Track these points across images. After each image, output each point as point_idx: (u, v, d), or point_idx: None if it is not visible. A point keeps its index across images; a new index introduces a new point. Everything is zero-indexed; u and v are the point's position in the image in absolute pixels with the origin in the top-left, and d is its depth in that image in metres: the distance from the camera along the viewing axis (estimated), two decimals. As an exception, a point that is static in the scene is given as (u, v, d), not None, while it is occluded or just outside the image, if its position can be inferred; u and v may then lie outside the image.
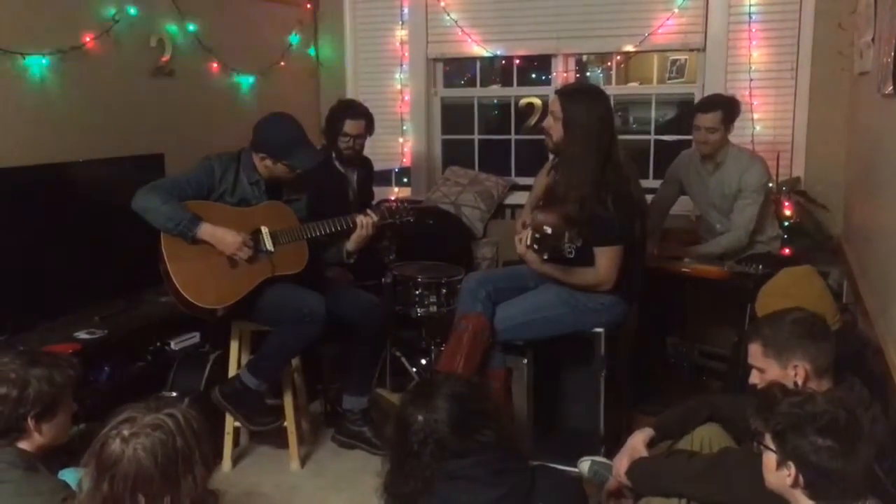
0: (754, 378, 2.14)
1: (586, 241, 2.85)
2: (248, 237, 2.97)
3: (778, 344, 2.07)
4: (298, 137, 3.07)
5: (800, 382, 2.03)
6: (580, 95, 2.97)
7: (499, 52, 4.79)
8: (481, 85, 5.13)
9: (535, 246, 2.58)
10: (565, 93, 2.98)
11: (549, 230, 2.54)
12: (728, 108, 3.58)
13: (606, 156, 2.84)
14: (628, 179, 2.93)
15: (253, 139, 3.08)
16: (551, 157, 3.17)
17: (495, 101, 5.36)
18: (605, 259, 2.86)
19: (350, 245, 3.27)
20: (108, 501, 1.53)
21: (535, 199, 3.47)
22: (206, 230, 2.90)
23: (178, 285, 2.88)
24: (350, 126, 3.66)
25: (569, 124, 2.86)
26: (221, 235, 2.92)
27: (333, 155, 3.72)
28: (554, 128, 2.92)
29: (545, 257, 2.67)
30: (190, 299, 2.89)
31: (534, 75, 4.97)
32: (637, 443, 2.29)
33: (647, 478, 2.18)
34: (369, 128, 3.75)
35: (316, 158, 3.14)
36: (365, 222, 3.22)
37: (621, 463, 2.26)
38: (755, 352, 2.13)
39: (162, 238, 2.90)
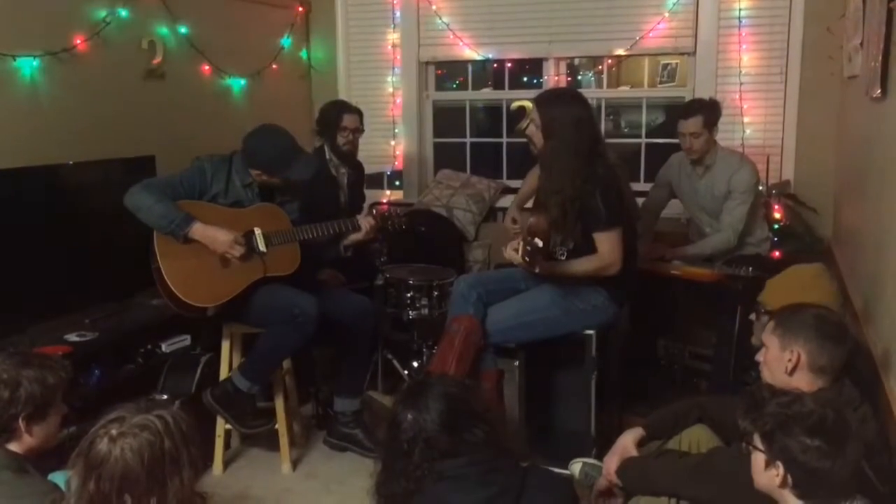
0: (760, 355, 2.17)
1: (578, 241, 2.87)
2: (241, 236, 2.97)
3: (787, 326, 2.09)
4: (291, 149, 3.07)
5: (789, 368, 2.04)
6: (555, 100, 2.98)
7: (490, 56, 4.80)
8: (473, 88, 5.14)
9: (527, 258, 2.59)
10: (541, 99, 2.98)
11: (539, 243, 2.55)
12: (708, 111, 3.56)
13: (589, 155, 2.85)
14: (619, 177, 2.94)
15: (246, 156, 3.06)
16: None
17: (480, 105, 5.37)
18: (606, 243, 2.86)
19: (347, 240, 3.28)
20: (95, 500, 1.53)
21: (523, 197, 3.48)
22: (197, 229, 2.90)
23: (169, 283, 2.88)
24: (347, 120, 3.73)
25: (547, 130, 2.88)
26: (213, 234, 2.91)
27: (327, 156, 3.74)
28: (536, 135, 2.94)
29: (536, 271, 2.68)
30: (181, 297, 2.89)
31: (525, 79, 4.98)
32: (627, 442, 2.30)
33: (637, 477, 2.19)
34: (362, 122, 3.83)
35: (312, 167, 3.15)
36: (367, 226, 3.23)
37: (611, 462, 2.27)
38: (769, 326, 2.16)
39: (155, 236, 2.90)
